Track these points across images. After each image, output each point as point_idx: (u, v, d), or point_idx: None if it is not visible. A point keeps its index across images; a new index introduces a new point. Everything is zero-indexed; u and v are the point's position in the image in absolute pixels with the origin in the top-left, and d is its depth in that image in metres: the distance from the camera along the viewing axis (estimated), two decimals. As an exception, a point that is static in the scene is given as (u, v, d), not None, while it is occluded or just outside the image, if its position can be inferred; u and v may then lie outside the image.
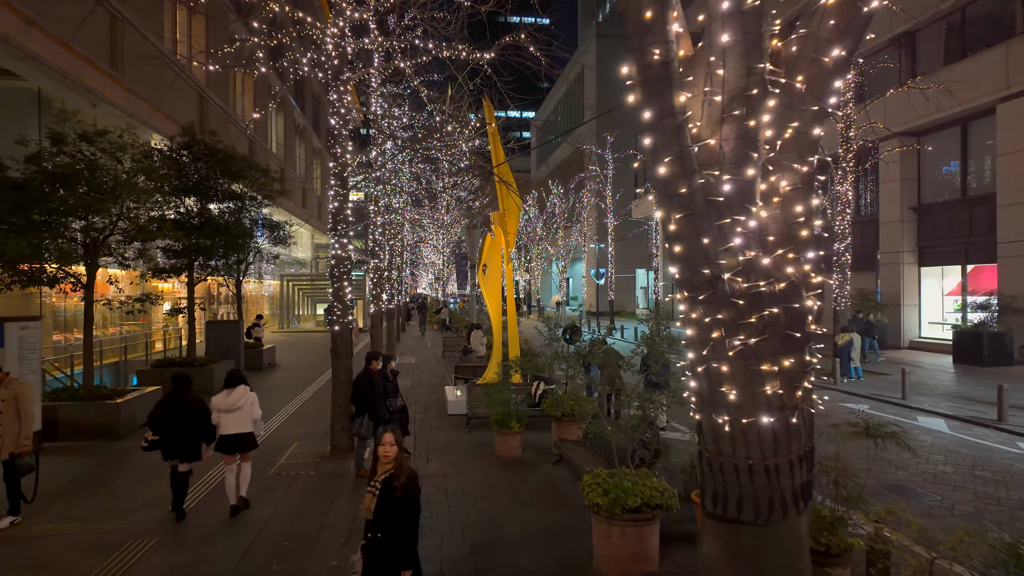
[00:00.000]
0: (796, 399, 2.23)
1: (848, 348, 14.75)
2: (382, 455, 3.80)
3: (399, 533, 3.70)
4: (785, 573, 2.25)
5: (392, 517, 3.66)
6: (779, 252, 2.21)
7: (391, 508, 3.66)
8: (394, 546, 3.68)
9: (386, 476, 3.74)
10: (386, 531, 3.66)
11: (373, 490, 3.72)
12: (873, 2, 2.24)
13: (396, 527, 3.68)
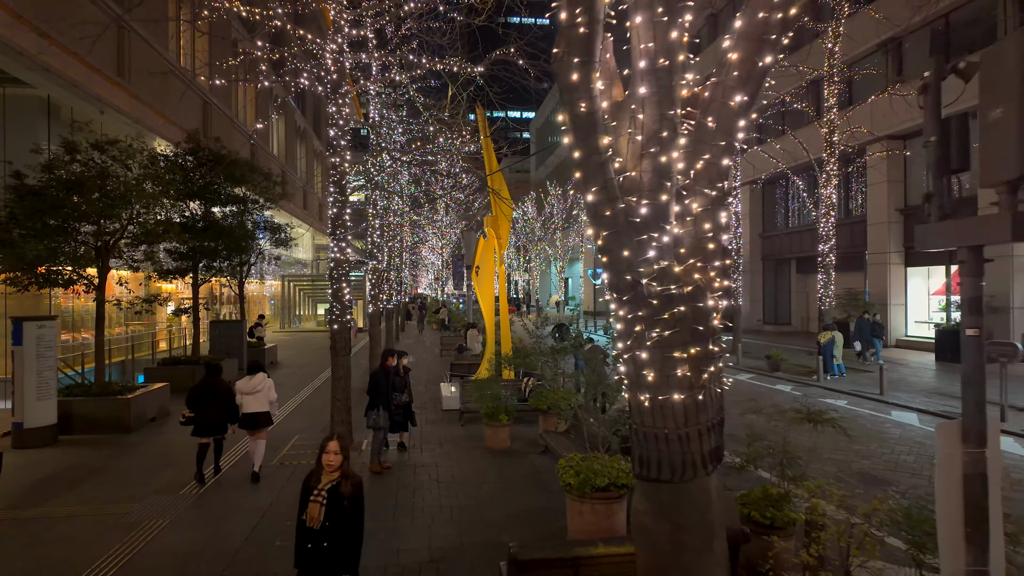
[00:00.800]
0: (703, 380, 2.74)
1: (831, 346, 15.27)
2: (327, 464, 3.73)
3: (346, 542, 3.70)
4: (696, 523, 2.77)
5: (340, 526, 3.65)
6: (691, 261, 2.73)
7: (339, 517, 3.64)
8: (341, 556, 3.67)
9: (331, 485, 3.71)
10: (333, 540, 3.64)
11: (320, 499, 3.66)
12: (767, 58, 2.75)
13: (344, 536, 3.67)
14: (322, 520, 3.62)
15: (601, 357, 10.01)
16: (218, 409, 7.63)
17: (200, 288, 15.55)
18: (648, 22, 2.64)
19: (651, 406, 2.76)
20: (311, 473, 3.84)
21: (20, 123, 15.97)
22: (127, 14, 13.42)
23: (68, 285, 10.14)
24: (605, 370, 9.42)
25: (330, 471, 3.75)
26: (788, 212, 29.96)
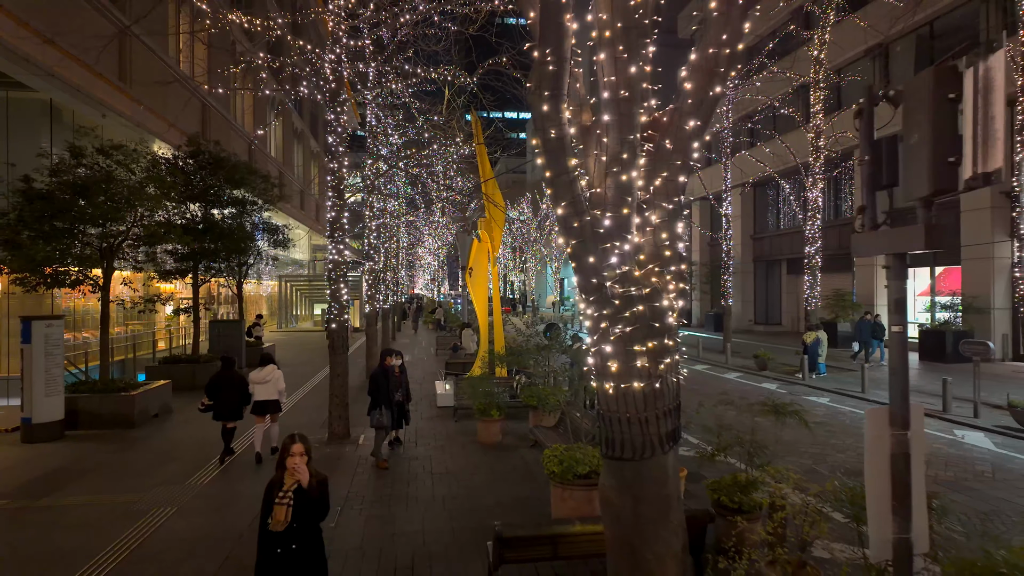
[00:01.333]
0: (660, 371, 3.12)
1: (816, 346, 15.68)
2: (291, 466, 3.64)
3: (313, 543, 3.65)
4: (654, 496, 3.14)
5: (308, 527, 3.61)
6: (649, 266, 3.11)
7: (307, 518, 3.59)
8: (310, 557, 3.62)
9: (297, 486, 3.63)
10: (302, 542, 3.58)
11: (286, 501, 3.58)
12: (717, 88, 3.13)
13: (310, 537, 3.63)
14: (289, 522, 3.52)
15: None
16: (236, 396, 8.58)
17: (203, 289, 15.91)
18: (611, 59, 3.02)
19: (615, 393, 3.14)
20: (273, 478, 3.73)
21: (23, 126, 16.30)
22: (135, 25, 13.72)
23: (75, 285, 10.48)
24: None
25: (295, 473, 3.64)
26: (779, 214, 30.41)
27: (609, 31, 3.00)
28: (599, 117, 3.15)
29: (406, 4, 10.53)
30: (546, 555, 4.51)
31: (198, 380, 14.59)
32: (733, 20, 3.02)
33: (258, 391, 8.64)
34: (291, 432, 3.83)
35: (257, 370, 8.75)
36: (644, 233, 3.15)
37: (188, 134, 19.12)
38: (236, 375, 8.78)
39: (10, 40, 11.63)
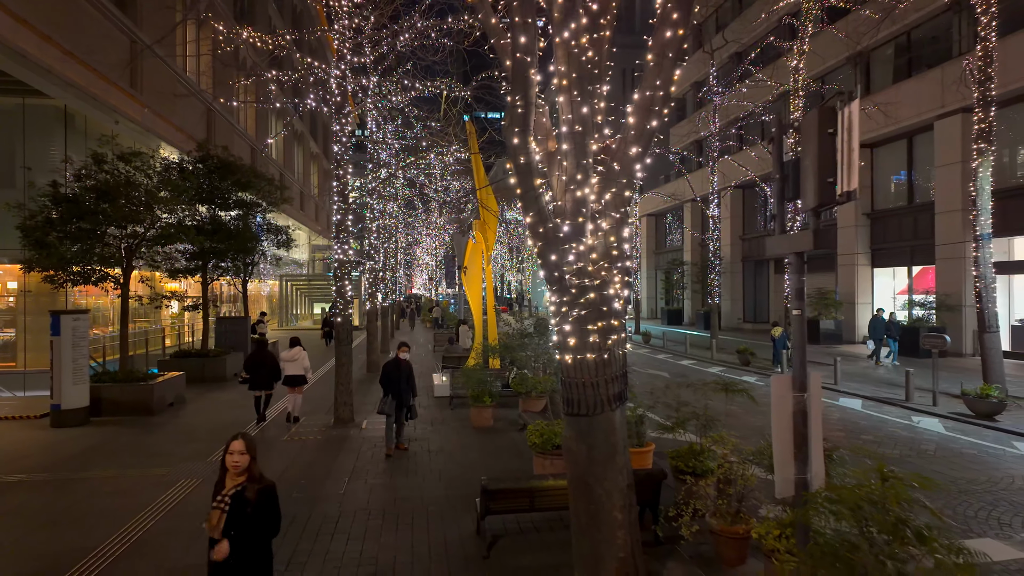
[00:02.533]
0: (608, 345, 3.94)
1: (783, 339, 16.55)
2: (231, 465, 3.36)
3: (253, 554, 3.34)
4: (603, 443, 3.96)
5: (246, 535, 3.29)
6: (600, 263, 3.94)
7: (244, 525, 3.28)
8: (247, 570, 3.34)
9: (237, 489, 3.33)
10: (237, 552, 3.27)
11: (221, 505, 3.27)
12: (654, 123, 3.96)
13: (250, 547, 3.32)
14: (223, 528, 3.25)
15: None
16: (267, 371, 10.51)
17: (201, 286, 16.68)
18: (568, 101, 3.85)
19: (573, 363, 3.97)
20: (218, 479, 3.48)
21: (38, 131, 17.15)
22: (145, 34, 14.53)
23: (99, 282, 11.28)
24: None
25: (236, 473, 3.36)
26: (767, 215, 31.29)
27: (566, 80, 3.83)
28: (560, 145, 3.98)
29: (405, 22, 11.38)
30: (525, 507, 5.36)
31: (207, 373, 15.42)
32: (665, 69, 3.86)
33: (288, 368, 10.66)
34: (237, 432, 3.56)
35: (287, 351, 10.82)
36: (596, 237, 3.98)
37: (194, 138, 19.94)
38: (268, 355, 10.81)
39: (35, 54, 12.44)
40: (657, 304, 43.33)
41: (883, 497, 3.09)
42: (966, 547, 3.05)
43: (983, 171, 12.38)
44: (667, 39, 3.79)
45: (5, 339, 17.38)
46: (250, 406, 11.03)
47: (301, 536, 5.77)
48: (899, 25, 21.14)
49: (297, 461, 8.35)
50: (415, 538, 5.70)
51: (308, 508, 6.51)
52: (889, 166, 23.13)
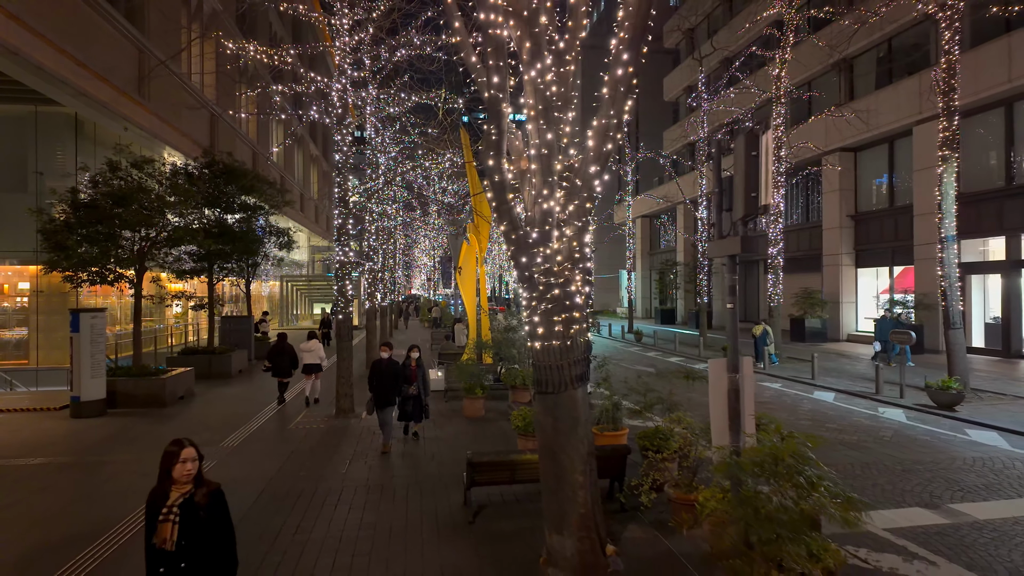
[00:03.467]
0: (571, 333, 4.65)
1: (764, 337, 17.31)
2: (182, 474, 3.23)
3: (210, 564, 3.25)
4: (567, 416, 4.67)
5: (200, 545, 3.20)
6: (564, 264, 4.66)
7: (198, 535, 3.19)
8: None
9: (184, 499, 3.23)
10: (192, 561, 3.19)
11: (171, 517, 3.16)
12: (609, 146, 4.68)
13: (206, 558, 3.22)
14: (176, 539, 3.14)
15: None
16: (287, 361, 12.06)
17: (204, 286, 17.38)
18: (536, 128, 4.57)
19: (541, 348, 4.70)
20: (155, 489, 3.31)
21: (50, 137, 17.90)
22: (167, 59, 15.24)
23: (114, 283, 11.99)
24: None
25: (184, 481, 3.26)
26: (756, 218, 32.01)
27: (533, 111, 4.56)
28: (529, 165, 4.71)
29: (402, 37, 12.11)
30: (506, 479, 6.08)
31: (214, 369, 16.14)
32: (617, 101, 4.58)
33: (305, 357, 12.14)
34: (178, 437, 3.41)
35: (304, 343, 12.37)
36: (561, 242, 4.71)
37: (199, 143, 20.66)
38: (288, 346, 12.25)
39: (52, 67, 13.16)
40: (651, 304, 44.08)
41: (781, 452, 3.81)
42: (846, 492, 3.79)
43: (947, 177, 13.12)
44: (619, 76, 4.52)
45: (18, 337, 18.10)
46: (254, 399, 11.85)
47: (308, 506, 6.50)
48: (879, 34, 21.92)
49: (302, 446, 9.07)
50: (409, 508, 6.42)
51: (314, 484, 7.23)
52: (871, 170, 23.90)
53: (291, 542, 5.58)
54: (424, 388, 9.13)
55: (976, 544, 5.53)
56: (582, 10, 4.80)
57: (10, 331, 18.19)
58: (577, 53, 4.81)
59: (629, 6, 4.46)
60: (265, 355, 12.31)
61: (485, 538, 5.61)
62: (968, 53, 18.53)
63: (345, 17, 10.67)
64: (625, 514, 6.09)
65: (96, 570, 5.08)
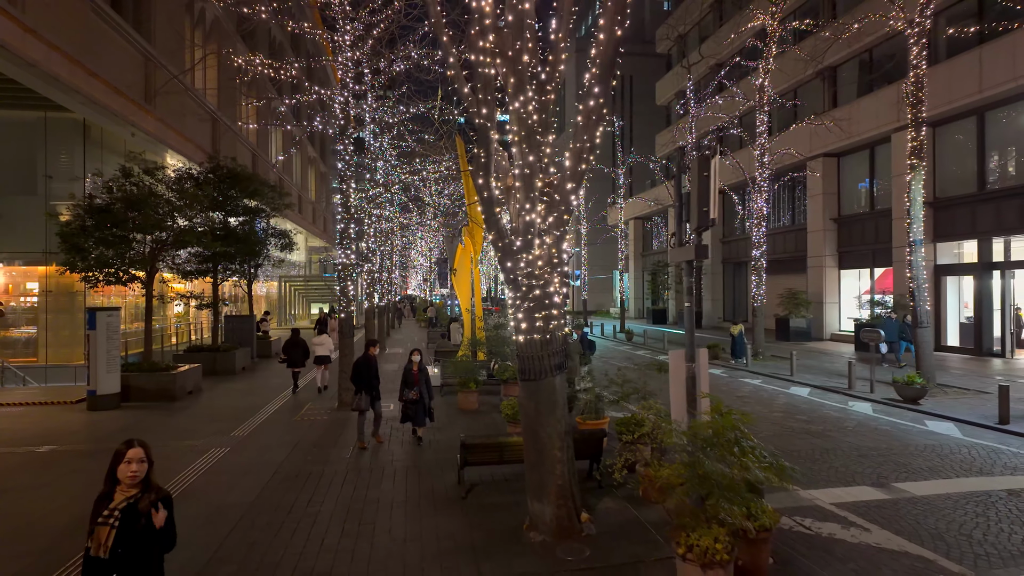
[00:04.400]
0: (550, 328, 5.37)
1: (741, 336, 18.10)
2: (127, 476, 3.05)
3: (144, 572, 3.01)
4: (547, 400, 5.39)
5: (137, 554, 2.99)
6: (544, 268, 5.38)
7: (136, 544, 2.98)
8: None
9: (128, 503, 3.02)
10: (125, 573, 2.98)
11: (111, 521, 2.96)
12: (583, 166, 5.40)
13: (142, 570, 3.01)
14: (111, 547, 2.93)
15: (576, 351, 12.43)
16: (300, 353, 13.57)
17: (205, 287, 18.03)
18: (519, 151, 5.30)
19: (524, 341, 5.42)
20: (102, 492, 3.13)
21: (59, 142, 18.55)
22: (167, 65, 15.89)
23: (127, 283, 12.66)
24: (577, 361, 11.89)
25: (131, 484, 3.07)
26: (745, 220, 32.84)
27: (517, 137, 5.28)
28: (515, 183, 5.44)
29: (400, 51, 12.83)
30: (495, 459, 6.81)
31: (219, 366, 16.80)
32: (591, 128, 5.31)
33: (317, 350, 13.63)
34: (129, 438, 3.26)
35: (316, 337, 13.94)
36: (541, 248, 5.43)
37: (202, 147, 21.34)
38: (301, 340, 13.82)
39: (66, 77, 13.82)
40: (644, 304, 44.88)
41: (719, 426, 4.54)
42: (778, 460, 4.52)
43: (915, 184, 13.92)
44: (591, 107, 5.25)
45: (27, 336, 18.72)
46: (259, 394, 12.57)
47: (317, 485, 7.21)
48: (859, 44, 22.73)
49: (308, 435, 9.77)
50: (408, 486, 7.14)
51: (320, 467, 7.94)
52: (854, 175, 24.72)
53: (304, 513, 6.29)
54: (428, 391, 9.04)
55: (908, 515, 6.28)
56: (561, 46, 5.53)
57: (20, 330, 18.80)
58: (557, 84, 5.55)
59: (600, 45, 5.19)
60: (281, 348, 13.86)
61: (476, 510, 6.33)
62: (942, 64, 19.37)
63: (347, 34, 11.37)
64: (601, 490, 6.81)
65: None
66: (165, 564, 4.68)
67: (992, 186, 18.60)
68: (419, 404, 8.95)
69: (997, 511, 6.33)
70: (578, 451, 6.66)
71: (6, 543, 5.65)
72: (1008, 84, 17.11)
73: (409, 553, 5.30)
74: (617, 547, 5.32)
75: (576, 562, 5.04)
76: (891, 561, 5.21)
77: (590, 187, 39.13)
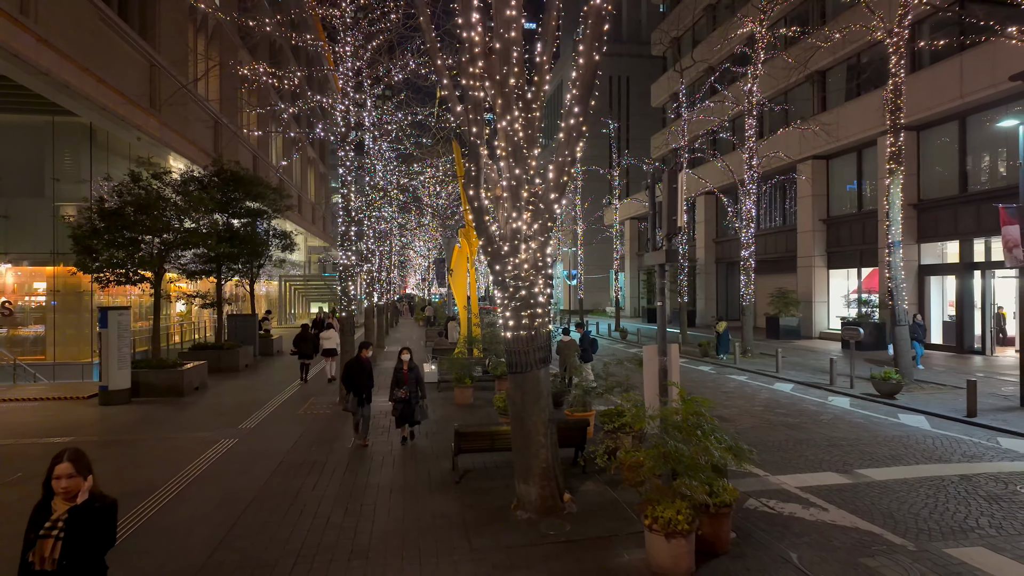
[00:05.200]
0: (535, 326, 5.91)
1: (726, 333, 18.72)
2: (60, 491, 3.02)
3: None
4: (532, 391, 5.93)
5: (84, 562, 3.02)
6: (529, 271, 5.92)
7: (80, 551, 2.99)
8: None
9: (72, 514, 3.01)
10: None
11: (55, 533, 2.95)
12: (564, 178, 5.94)
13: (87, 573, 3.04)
14: (58, 559, 2.94)
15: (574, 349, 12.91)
16: (310, 346, 15.17)
17: (203, 285, 18.52)
18: (507, 165, 5.85)
19: (512, 337, 5.97)
20: (39, 503, 3.08)
21: (66, 145, 19.06)
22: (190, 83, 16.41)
23: (137, 283, 13.19)
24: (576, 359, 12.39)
25: (66, 497, 3.04)
26: (737, 221, 33.39)
27: (503, 152, 5.83)
28: (503, 192, 6.00)
29: (398, 61, 13.37)
30: (487, 446, 7.36)
31: (223, 363, 17.33)
32: (571, 144, 5.86)
33: (325, 343, 15.07)
34: (62, 450, 3.13)
35: (324, 331, 15.51)
36: (527, 253, 5.98)
37: (204, 149, 21.85)
38: (310, 335, 15.39)
39: (76, 84, 14.34)
40: (639, 303, 45.46)
41: (683, 411, 5.09)
42: (734, 443, 5.08)
43: (894, 187, 14.48)
44: (572, 125, 5.80)
45: (36, 334, 19.24)
46: (263, 390, 13.20)
47: (321, 472, 7.75)
48: (848, 49, 23.29)
49: (312, 427, 10.32)
50: (406, 472, 7.69)
51: (325, 456, 8.49)
52: (842, 177, 25.31)
53: (310, 496, 6.84)
54: (420, 389, 8.99)
55: (865, 497, 6.84)
56: (545, 68, 6.08)
57: (28, 328, 19.32)
58: (542, 102, 6.10)
59: (580, 69, 5.74)
60: (293, 341, 15.48)
61: (468, 493, 6.88)
62: (926, 70, 19.95)
63: (348, 45, 11.90)
64: (584, 475, 7.37)
65: (163, 510, 6.31)
66: (189, 536, 5.26)
67: (973, 189, 19.17)
68: (409, 403, 8.86)
69: (947, 494, 6.90)
70: (564, 439, 7.22)
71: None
72: (988, 90, 17.68)
73: (407, 530, 5.85)
74: (595, 523, 5.88)
75: (557, 536, 5.60)
76: (841, 535, 5.77)
77: (586, 187, 39.60)
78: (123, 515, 6.25)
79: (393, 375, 9.09)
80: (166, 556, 5.34)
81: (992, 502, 6.61)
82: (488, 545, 5.43)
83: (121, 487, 7.16)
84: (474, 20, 5.57)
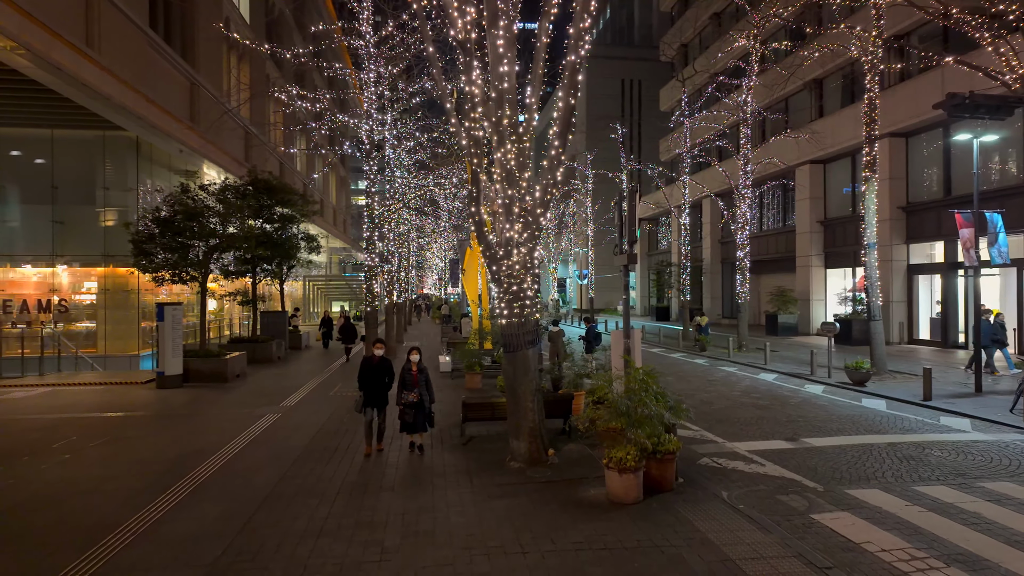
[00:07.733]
0: (524, 315, 7.42)
1: (707, 327, 20.14)
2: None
3: None
4: (522, 365, 7.44)
5: None
6: (519, 271, 7.44)
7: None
8: None
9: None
10: None
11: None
12: (548, 196, 7.44)
13: None
14: None
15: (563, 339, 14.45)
16: (352, 334, 19.39)
17: (237, 285, 20.31)
18: (501, 187, 7.39)
19: (506, 324, 7.51)
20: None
21: (114, 157, 20.96)
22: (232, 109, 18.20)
23: (187, 282, 14.98)
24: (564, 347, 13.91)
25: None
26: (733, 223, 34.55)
27: (499, 176, 7.38)
28: (498, 208, 7.55)
29: (415, 82, 15.00)
30: (489, 416, 8.91)
31: (257, 355, 19.11)
32: (553, 170, 7.38)
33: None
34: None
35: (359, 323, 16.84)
36: (519, 256, 7.52)
37: (237, 159, 23.67)
38: (351, 324, 19.22)
39: (132, 107, 16.16)
40: (650, 302, 46.72)
41: (630, 379, 6.59)
42: (675, 403, 6.58)
43: (869, 193, 15.76)
44: (552, 155, 7.33)
45: (88, 329, 21.20)
46: (297, 377, 14.81)
47: (353, 438, 9.36)
48: (842, 59, 24.42)
49: (342, 406, 11.96)
50: (423, 438, 9.29)
51: (355, 427, 10.10)
52: (838, 180, 26.45)
53: (345, 453, 8.44)
54: (428, 393, 8.30)
55: (800, 457, 8.27)
56: (534, 109, 7.62)
57: (80, 324, 21.28)
58: (531, 135, 7.64)
59: (559, 111, 7.26)
60: (337, 329, 19.40)
61: (473, 451, 8.44)
62: (911, 80, 21.11)
63: (371, 72, 13.55)
64: (569, 439, 8.89)
65: (230, 461, 7.94)
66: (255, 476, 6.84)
67: (957, 193, 20.28)
68: (418, 407, 8.13)
69: (870, 455, 8.30)
70: (551, 410, 8.76)
71: (137, 468, 7.86)
72: (966, 100, 18.78)
73: (422, 473, 7.43)
74: (571, 470, 7.41)
75: (540, 478, 7.13)
76: (768, 482, 7.22)
77: (597, 190, 41.00)
78: (199, 464, 7.92)
79: (400, 376, 8.29)
80: (241, 487, 6.97)
81: (904, 461, 8.00)
82: (485, 483, 6.99)
83: (192, 446, 8.85)
84: (475, 76, 7.14)
